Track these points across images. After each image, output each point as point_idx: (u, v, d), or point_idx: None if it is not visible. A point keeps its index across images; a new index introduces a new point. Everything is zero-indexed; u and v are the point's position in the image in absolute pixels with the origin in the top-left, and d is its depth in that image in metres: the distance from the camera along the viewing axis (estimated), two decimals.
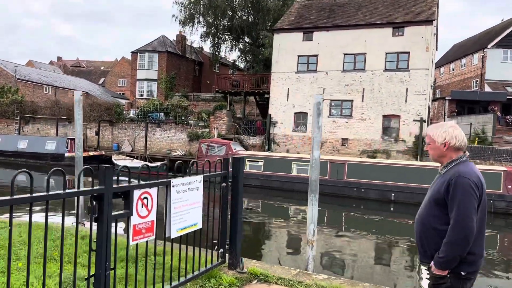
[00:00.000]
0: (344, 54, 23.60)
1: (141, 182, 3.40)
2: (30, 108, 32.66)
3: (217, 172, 4.54)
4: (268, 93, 26.15)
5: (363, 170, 18.63)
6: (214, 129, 26.32)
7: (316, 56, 24.20)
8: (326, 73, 23.88)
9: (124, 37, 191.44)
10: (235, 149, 23.05)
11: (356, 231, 13.41)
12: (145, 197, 3.48)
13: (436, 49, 28.85)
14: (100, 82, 68.89)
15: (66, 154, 26.60)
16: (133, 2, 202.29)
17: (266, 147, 24.96)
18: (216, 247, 4.64)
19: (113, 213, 3.10)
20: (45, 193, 2.61)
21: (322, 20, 24.89)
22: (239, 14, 37.44)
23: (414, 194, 17.61)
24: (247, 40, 38.50)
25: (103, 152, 27.14)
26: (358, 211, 17.23)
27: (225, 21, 36.98)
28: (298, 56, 24.61)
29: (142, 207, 3.44)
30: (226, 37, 39.66)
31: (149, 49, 40.47)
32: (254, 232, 13.80)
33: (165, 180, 3.74)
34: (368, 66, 23.12)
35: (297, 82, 24.66)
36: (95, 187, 2.96)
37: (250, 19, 37.15)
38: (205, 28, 38.22)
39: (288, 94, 24.85)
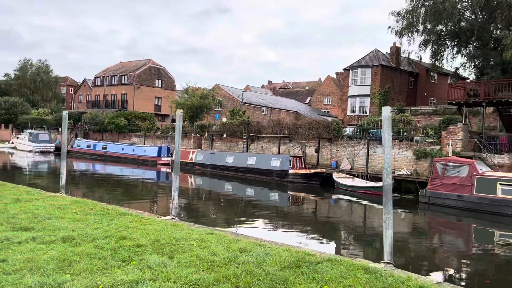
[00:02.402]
0: None
1: None
2: (255, 128, 35.55)
3: None
4: None
5: None
6: (448, 145, 23.15)
7: None
8: None
9: (321, 57, 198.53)
10: (481, 169, 19.53)
11: None
12: None
13: None
14: (307, 101, 71.87)
15: (290, 171, 27.53)
16: (329, 22, 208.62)
17: None
18: None
19: None
20: None
21: None
22: (467, 15, 33.07)
23: None
24: (475, 44, 33.66)
25: (324, 170, 27.07)
26: None
27: (449, 25, 33.16)
28: None
29: None
30: (448, 43, 35.61)
31: (361, 64, 39.61)
32: None
33: None
34: None
35: None
36: None
37: (478, 19, 32.35)
38: (423, 36, 35.18)
39: None
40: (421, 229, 16.62)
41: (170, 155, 37.75)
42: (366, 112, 38.96)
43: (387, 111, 6.15)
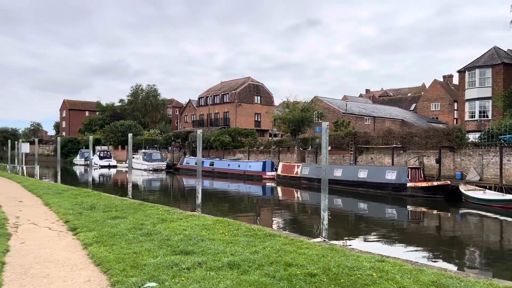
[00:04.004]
0: None
1: None
2: (362, 139, 33.92)
3: None
4: None
5: None
6: None
7: None
8: None
9: (419, 61, 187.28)
10: None
11: None
12: None
13: None
14: (411, 108, 67.59)
15: (408, 184, 25.46)
16: (426, 24, 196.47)
17: None
18: None
19: None
20: None
21: None
22: None
23: None
24: None
25: (448, 182, 24.54)
26: None
27: None
28: None
29: None
30: None
31: (479, 64, 35.89)
32: None
33: None
34: None
35: None
36: None
37: None
38: None
39: None
40: None
41: (274, 169, 37.68)
42: (487, 116, 35.05)
43: None
